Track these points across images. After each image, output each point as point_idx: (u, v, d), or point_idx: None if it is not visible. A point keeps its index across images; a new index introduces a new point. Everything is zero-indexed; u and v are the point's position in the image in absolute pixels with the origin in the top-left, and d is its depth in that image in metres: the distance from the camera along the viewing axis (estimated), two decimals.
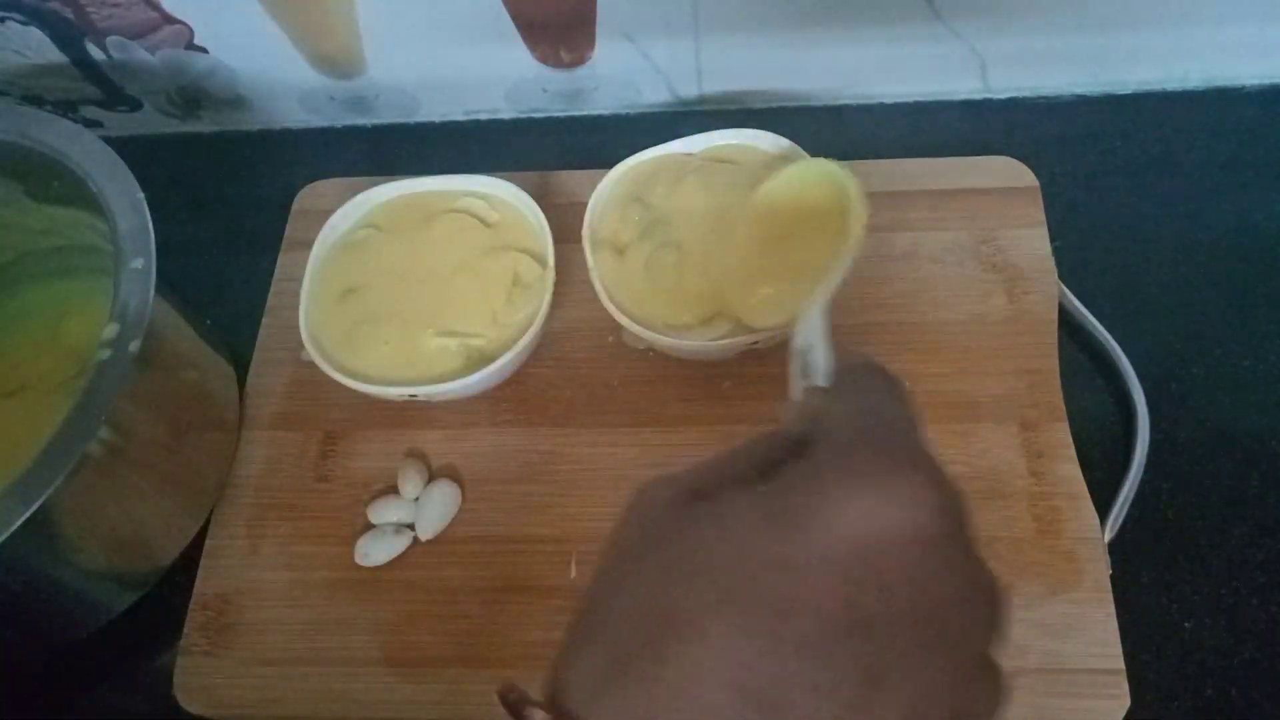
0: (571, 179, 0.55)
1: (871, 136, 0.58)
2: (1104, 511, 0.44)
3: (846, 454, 0.23)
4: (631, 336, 0.48)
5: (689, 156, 0.50)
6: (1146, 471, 0.45)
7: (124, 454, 0.40)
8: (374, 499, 0.47)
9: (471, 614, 0.44)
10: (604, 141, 0.60)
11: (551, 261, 0.47)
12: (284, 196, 0.57)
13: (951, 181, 0.52)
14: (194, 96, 0.60)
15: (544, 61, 0.57)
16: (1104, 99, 0.58)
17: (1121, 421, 0.47)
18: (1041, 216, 0.51)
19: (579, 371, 0.50)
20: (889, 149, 0.55)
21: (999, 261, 0.50)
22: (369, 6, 0.53)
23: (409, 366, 0.46)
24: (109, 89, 0.60)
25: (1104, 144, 0.56)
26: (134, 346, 0.38)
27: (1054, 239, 0.50)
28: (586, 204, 0.48)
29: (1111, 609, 0.41)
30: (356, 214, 0.51)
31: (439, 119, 0.62)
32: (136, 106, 0.61)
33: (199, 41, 0.56)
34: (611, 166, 0.49)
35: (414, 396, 0.45)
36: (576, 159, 0.56)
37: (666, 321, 0.45)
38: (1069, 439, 0.45)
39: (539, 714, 0.23)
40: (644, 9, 0.53)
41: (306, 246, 0.49)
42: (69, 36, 0.56)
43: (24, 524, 0.35)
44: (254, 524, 0.47)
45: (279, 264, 0.55)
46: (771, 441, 0.26)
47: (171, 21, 0.54)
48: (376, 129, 0.62)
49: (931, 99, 0.59)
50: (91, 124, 0.63)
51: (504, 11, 0.53)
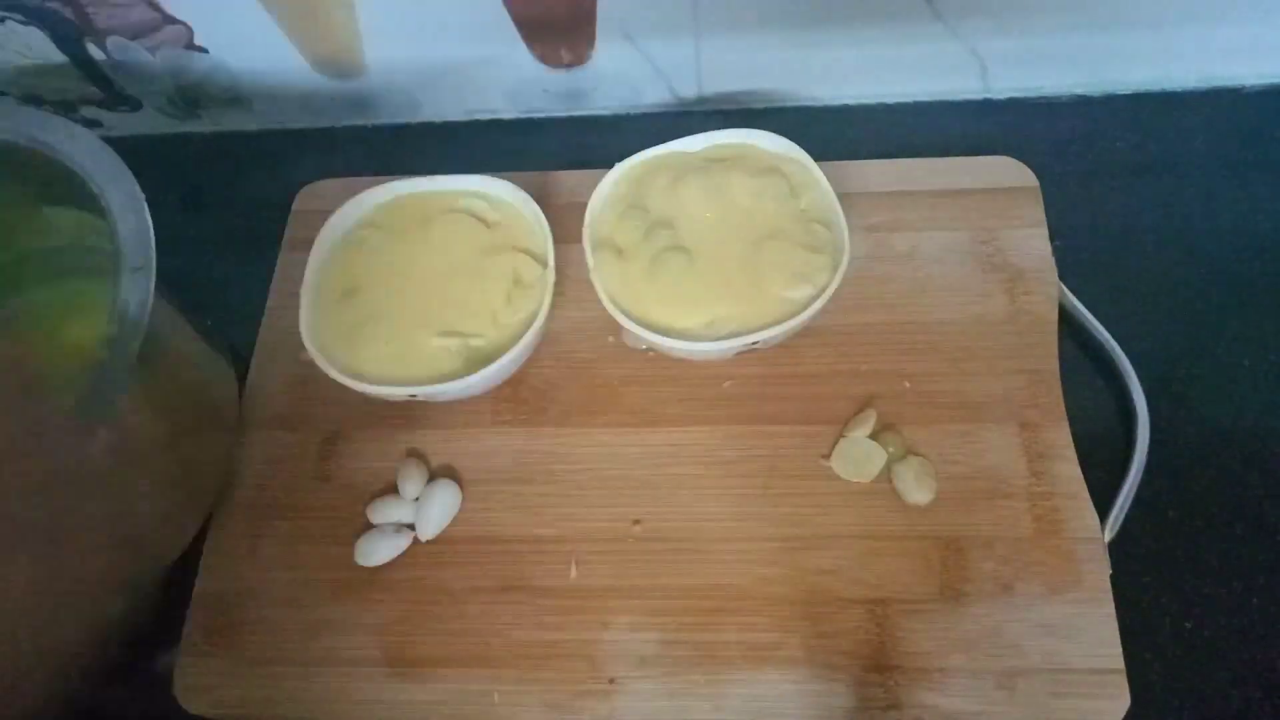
0: (571, 179, 0.55)
1: (871, 136, 0.58)
2: (1104, 511, 0.44)
3: None
4: (631, 336, 0.48)
5: (689, 157, 0.50)
6: (1146, 471, 0.45)
7: (124, 454, 0.40)
8: (374, 499, 0.47)
9: (471, 614, 0.44)
10: (604, 141, 0.60)
11: (551, 261, 0.47)
12: (284, 196, 0.57)
13: (951, 181, 0.52)
14: (194, 96, 0.60)
15: (544, 61, 0.57)
16: (1104, 99, 0.58)
17: (1121, 421, 0.47)
18: (1041, 216, 0.51)
19: (579, 371, 0.50)
20: (889, 149, 0.55)
21: (999, 261, 0.50)
22: (369, 6, 0.53)
23: (409, 366, 0.46)
24: (109, 89, 0.60)
25: (1104, 144, 0.56)
26: (134, 347, 0.38)
27: (1054, 239, 0.50)
28: (586, 204, 0.48)
29: (1111, 609, 0.41)
30: (356, 214, 0.51)
31: (439, 119, 0.62)
32: (136, 106, 0.61)
33: (199, 41, 0.56)
34: (611, 166, 0.49)
35: (414, 396, 0.45)
36: (576, 159, 0.56)
37: (666, 322, 0.45)
38: (1069, 439, 0.45)
39: None
40: (644, 9, 0.53)
41: (306, 246, 0.49)
42: (69, 36, 0.56)
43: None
44: (254, 524, 0.47)
45: (279, 264, 0.55)
46: None
47: (171, 21, 0.54)
48: (376, 129, 0.62)
49: (931, 99, 0.59)
50: (91, 124, 0.63)
51: (504, 11, 0.53)
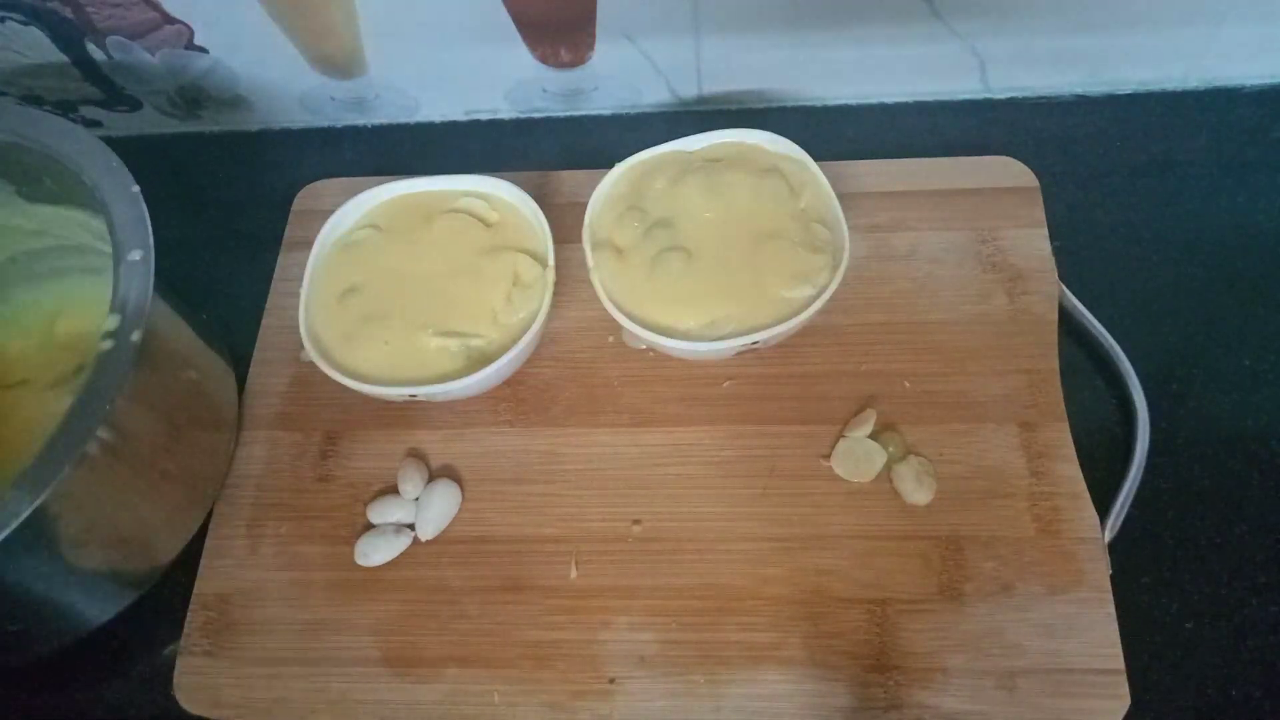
0: (571, 179, 0.55)
1: (871, 136, 0.58)
2: (1104, 511, 0.44)
3: None
4: (631, 336, 0.48)
5: (689, 156, 0.50)
6: (1146, 471, 0.45)
7: (123, 452, 0.40)
8: (374, 499, 0.47)
9: (471, 614, 0.44)
10: (604, 141, 0.60)
11: (551, 261, 0.47)
12: (284, 196, 0.57)
13: (951, 181, 0.52)
14: (194, 96, 0.60)
15: (544, 61, 0.57)
16: (1104, 99, 0.58)
17: (1121, 421, 0.47)
18: (1041, 216, 0.51)
19: (579, 371, 0.50)
20: (889, 149, 0.55)
21: (999, 261, 0.50)
22: (369, 6, 0.53)
23: (409, 366, 0.46)
24: (109, 89, 0.60)
25: (1104, 144, 0.56)
26: (136, 337, 0.38)
27: (1054, 239, 0.50)
28: (586, 204, 0.48)
29: (1111, 609, 0.41)
30: (356, 214, 0.51)
31: (439, 119, 0.62)
32: (136, 106, 0.61)
33: (199, 41, 0.56)
34: (611, 166, 0.49)
35: (414, 396, 0.45)
36: (576, 159, 0.56)
37: (666, 322, 0.45)
38: (1069, 439, 0.45)
39: None
40: (644, 9, 0.53)
41: (306, 246, 0.49)
42: (69, 36, 0.56)
43: (25, 521, 0.35)
44: (254, 524, 0.47)
45: (279, 264, 0.55)
46: None
47: (171, 21, 0.54)
48: (376, 129, 0.62)
49: (931, 99, 0.59)
50: (91, 124, 0.63)
51: (504, 11, 0.53)
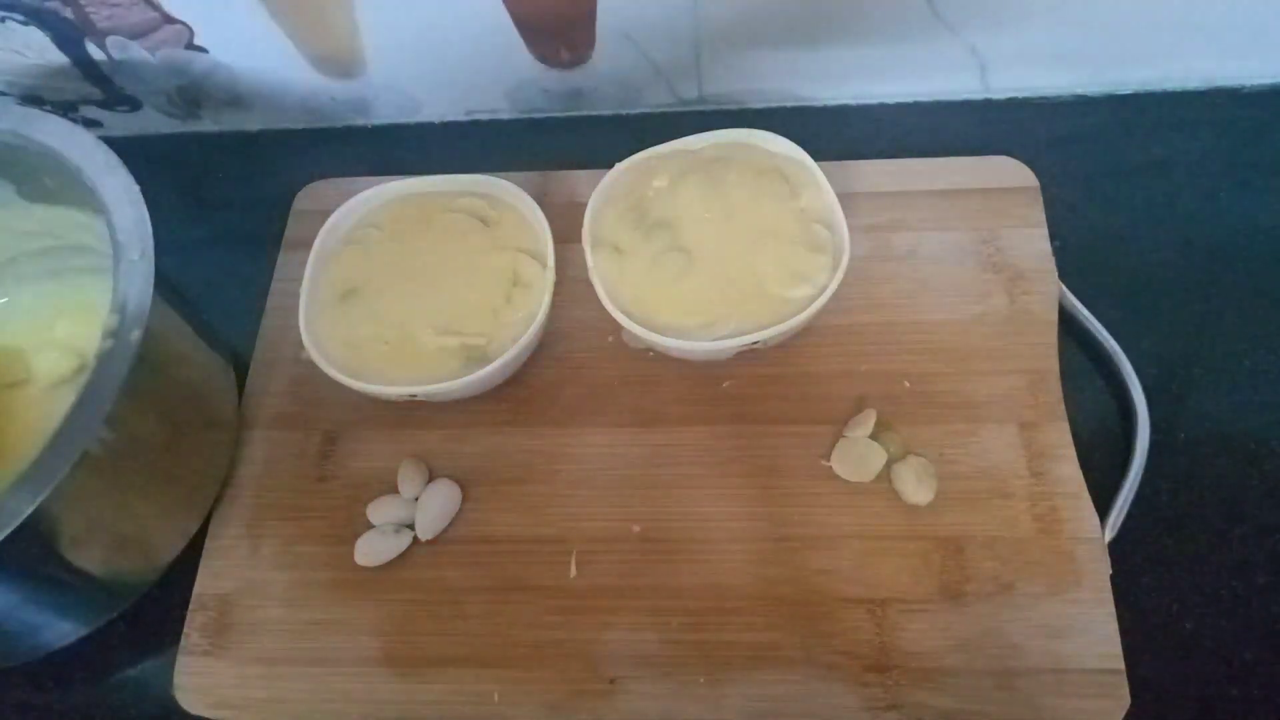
0: (571, 179, 0.55)
1: (871, 136, 0.58)
2: (1104, 511, 0.44)
3: None
4: (631, 336, 0.48)
5: (689, 156, 0.50)
6: (1146, 471, 0.45)
7: (123, 452, 0.40)
8: (374, 499, 0.47)
9: (471, 614, 0.44)
10: (604, 141, 0.60)
11: (551, 261, 0.47)
12: (284, 196, 0.57)
13: (951, 181, 0.52)
14: (194, 96, 0.60)
15: (544, 61, 0.57)
16: (1104, 99, 0.58)
17: (1121, 421, 0.47)
18: (1041, 216, 0.51)
19: (579, 371, 0.50)
20: (889, 149, 0.55)
21: (999, 261, 0.50)
22: (369, 6, 0.53)
23: (409, 366, 0.46)
24: (109, 89, 0.60)
25: (1104, 144, 0.56)
26: (136, 337, 0.38)
27: (1054, 239, 0.50)
28: (586, 204, 0.48)
29: (1111, 609, 0.41)
30: (356, 214, 0.51)
31: (439, 119, 0.62)
32: (136, 106, 0.61)
33: (199, 41, 0.56)
34: (611, 166, 0.49)
35: (414, 396, 0.45)
36: (576, 159, 0.56)
37: (666, 322, 0.45)
38: (1069, 439, 0.45)
39: None
40: (644, 9, 0.53)
41: (306, 246, 0.49)
42: (69, 36, 0.56)
43: (25, 521, 0.35)
44: (254, 524, 0.47)
45: (279, 264, 0.55)
46: None
47: (171, 21, 0.54)
48: (376, 129, 0.62)
49: (931, 99, 0.59)
50: (91, 124, 0.63)
51: (504, 11, 0.53)
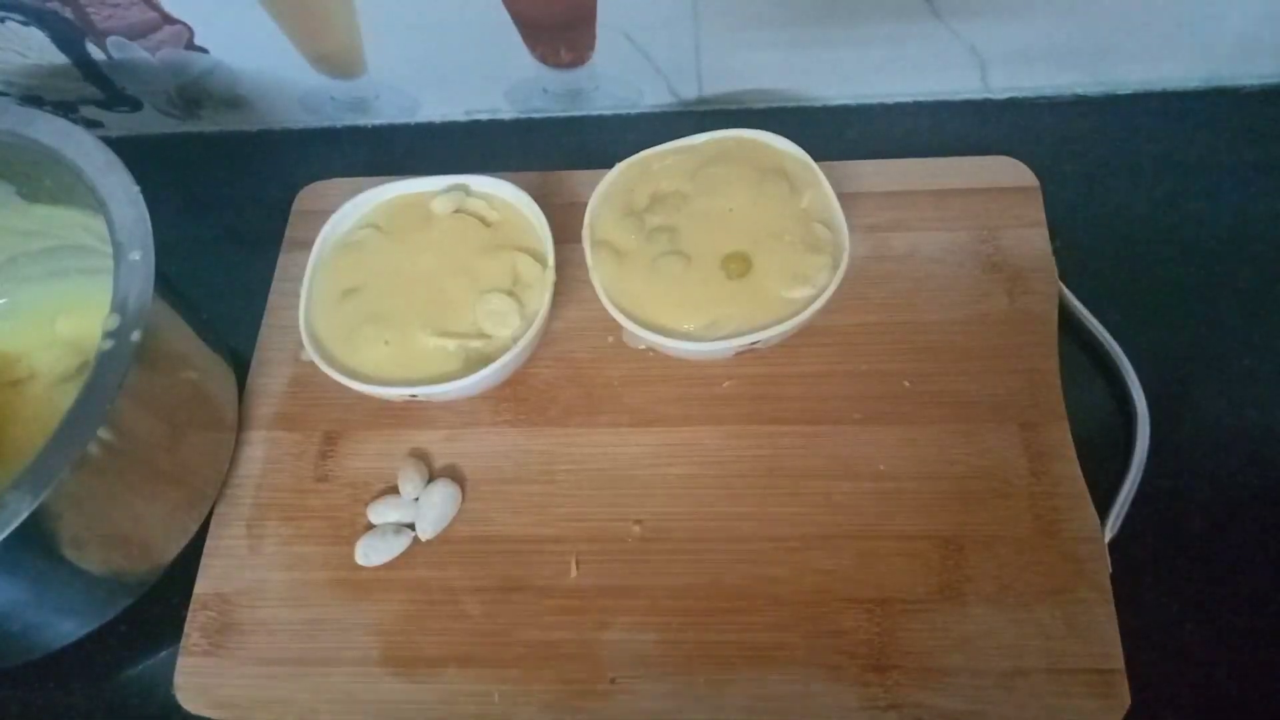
0: (571, 179, 0.55)
1: (871, 136, 0.58)
2: (1104, 511, 0.44)
3: None
4: (631, 336, 0.48)
5: (690, 156, 0.50)
6: (1146, 471, 0.45)
7: (123, 452, 0.40)
8: (374, 499, 0.47)
9: (471, 614, 0.44)
10: (604, 141, 0.60)
11: (552, 261, 0.47)
12: (284, 196, 0.57)
13: (951, 181, 0.52)
14: (194, 96, 0.60)
15: (544, 61, 0.57)
16: (1104, 99, 0.58)
17: (1121, 421, 0.47)
18: (1041, 216, 0.51)
19: (579, 371, 0.50)
20: (889, 149, 0.55)
21: (999, 261, 0.50)
22: (369, 6, 0.53)
23: (409, 366, 0.46)
24: (109, 89, 0.60)
25: (1104, 144, 0.56)
26: (136, 337, 0.38)
27: (1054, 239, 0.50)
28: (586, 204, 0.48)
29: (1111, 609, 0.41)
30: (356, 214, 0.51)
31: (439, 119, 0.62)
32: (136, 106, 0.61)
33: (199, 41, 0.56)
34: (611, 166, 0.49)
35: (414, 396, 0.45)
36: (576, 159, 0.56)
37: (666, 322, 0.45)
38: (1069, 439, 0.45)
39: None
40: (644, 9, 0.53)
41: (306, 246, 0.49)
42: (69, 36, 0.56)
43: (25, 521, 0.35)
44: (254, 524, 0.47)
45: (279, 264, 0.55)
46: None
47: (171, 21, 0.54)
48: (376, 129, 0.62)
49: (931, 99, 0.59)
50: (91, 124, 0.63)
51: (504, 11, 0.53)
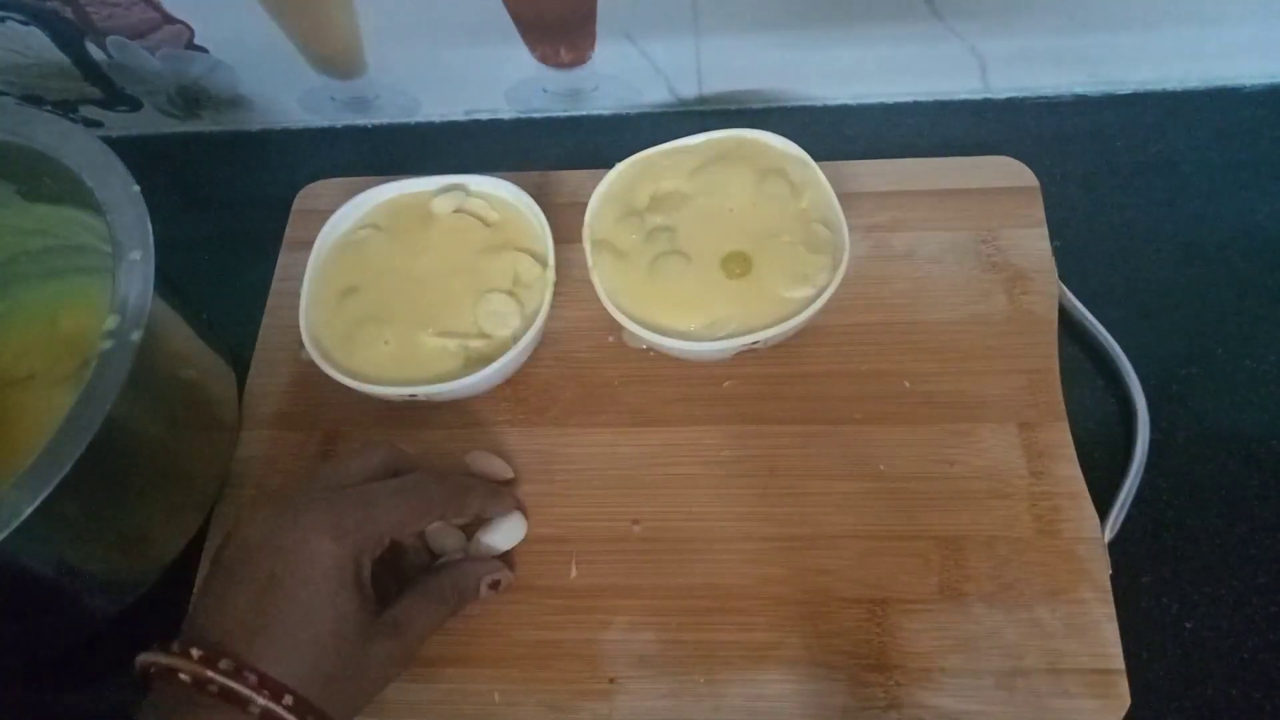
0: (571, 179, 0.55)
1: (871, 136, 0.58)
2: (1104, 511, 0.44)
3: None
4: (631, 336, 0.48)
5: (690, 156, 0.50)
6: (1146, 471, 0.45)
7: (123, 452, 0.40)
8: None
9: (471, 614, 0.44)
10: (604, 141, 0.60)
11: (552, 261, 0.47)
12: (284, 196, 0.57)
13: (951, 181, 0.52)
14: (194, 96, 0.60)
15: (544, 61, 0.57)
16: (1104, 99, 0.58)
17: (1121, 421, 0.47)
18: (1041, 216, 0.51)
19: (579, 371, 0.50)
20: (889, 149, 0.55)
21: (999, 261, 0.50)
22: (369, 6, 0.53)
23: (409, 366, 0.46)
24: (109, 89, 0.60)
25: (1104, 144, 0.56)
26: (135, 337, 0.38)
27: (1054, 239, 0.50)
28: (586, 204, 0.48)
29: (1111, 609, 0.41)
30: (356, 214, 0.51)
31: (439, 119, 0.62)
32: (136, 106, 0.61)
33: (199, 41, 0.56)
34: (611, 166, 0.49)
35: (414, 396, 0.45)
36: (576, 159, 0.56)
37: (666, 322, 0.45)
38: (1069, 439, 0.45)
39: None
40: (644, 9, 0.53)
41: (306, 246, 0.49)
42: (69, 36, 0.56)
43: (25, 521, 0.35)
44: None
45: (279, 264, 0.55)
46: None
47: (171, 21, 0.54)
48: (376, 129, 0.62)
49: (931, 99, 0.59)
50: (91, 124, 0.63)
51: (504, 11, 0.53)
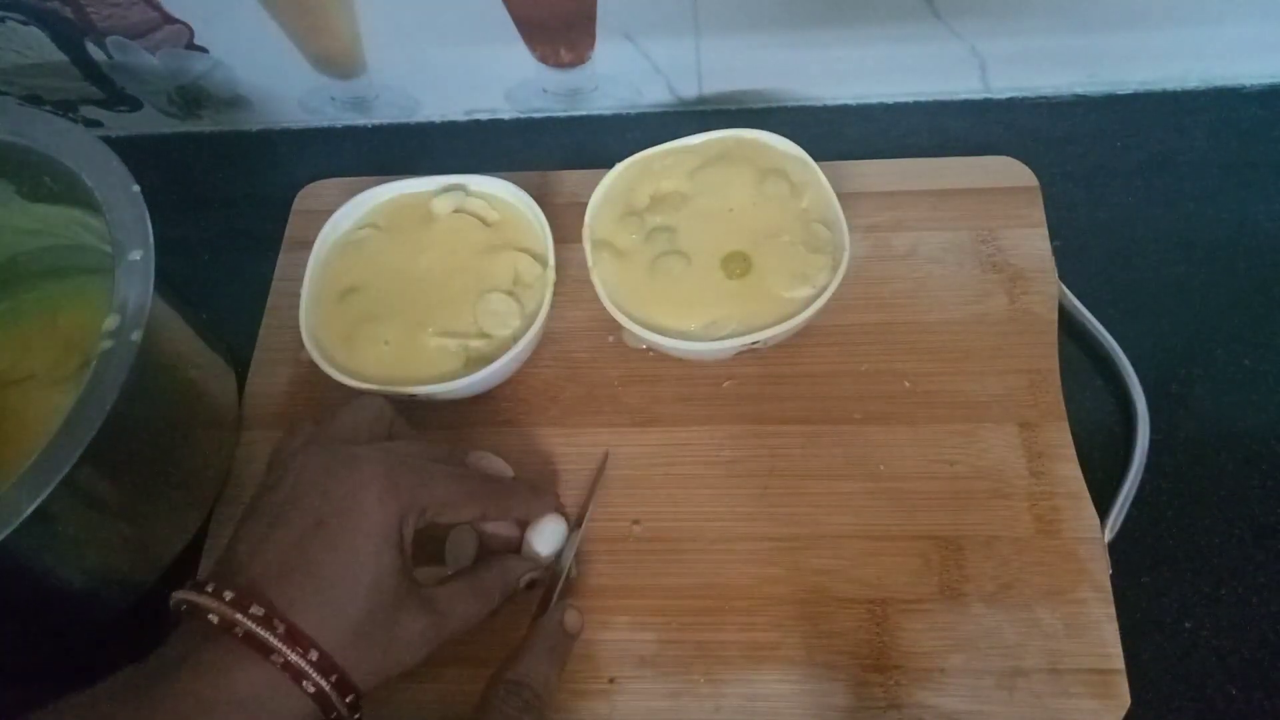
0: (571, 179, 0.55)
1: (871, 136, 0.58)
2: (1104, 511, 0.44)
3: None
4: (631, 336, 0.48)
5: (690, 156, 0.50)
6: (1146, 471, 0.45)
7: (123, 452, 0.40)
8: None
9: None
10: (604, 141, 0.60)
11: (552, 261, 0.47)
12: (284, 196, 0.57)
13: (951, 181, 0.52)
14: (194, 96, 0.60)
15: (544, 61, 0.57)
16: (1104, 99, 0.58)
17: (1121, 421, 0.47)
18: (1041, 216, 0.51)
19: (579, 371, 0.50)
20: (889, 149, 0.55)
21: (999, 261, 0.50)
22: (369, 6, 0.53)
23: (409, 366, 0.46)
24: (109, 89, 0.60)
25: (1104, 144, 0.56)
26: (136, 336, 0.38)
27: (1054, 239, 0.50)
28: (586, 204, 0.48)
29: (1111, 609, 0.41)
30: (356, 214, 0.51)
31: (439, 119, 0.62)
32: (136, 106, 0.61)
33: (199, 41, 0.56)
34: (611, 166, 0.49)
35: (414, 396, 0.45)
36: (576, 159, 0.56)
37: (666, 322, 0.45)
38: (1069, 439, 0.45)
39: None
40: (644, 9, 0.53)
41: (306, 246, 0.49)
42: (69, 36, 0.56)
43: (25, 521, 0.35)
44: None
45: (279, 264, 0.55)
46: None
47: (171, 21, 0.54)
48: (376, 129, 0.62)
49: (931, 99, 0.59)
50: (91, 124, 0.63)
51: (504, 11, 0.53)
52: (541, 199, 0.49)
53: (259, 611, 0.33)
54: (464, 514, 0.40)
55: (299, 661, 0.32)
